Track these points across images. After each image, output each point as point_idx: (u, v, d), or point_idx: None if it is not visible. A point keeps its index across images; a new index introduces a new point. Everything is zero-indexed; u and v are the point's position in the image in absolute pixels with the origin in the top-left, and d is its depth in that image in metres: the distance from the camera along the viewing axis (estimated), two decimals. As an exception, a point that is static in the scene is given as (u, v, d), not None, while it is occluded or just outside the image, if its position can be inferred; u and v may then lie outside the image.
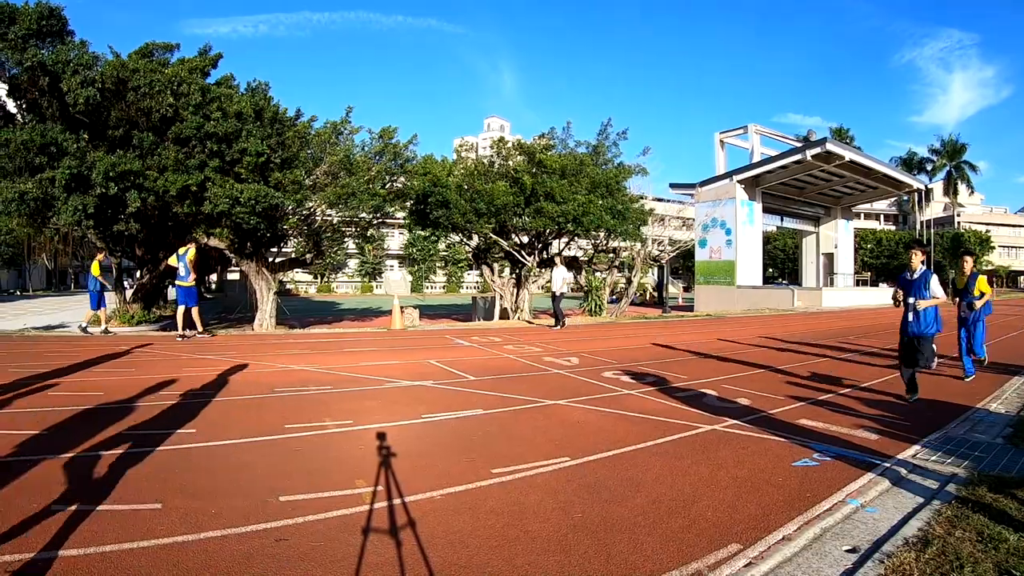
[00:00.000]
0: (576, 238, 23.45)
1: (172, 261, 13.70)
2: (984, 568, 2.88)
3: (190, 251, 13.58)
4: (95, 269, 14.22)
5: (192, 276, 13.45)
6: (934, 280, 6.93)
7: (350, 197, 16.30)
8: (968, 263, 9.18)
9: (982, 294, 9.00)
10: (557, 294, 17.72)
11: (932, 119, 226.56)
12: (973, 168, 63.95)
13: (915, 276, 7.00)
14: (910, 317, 6.93)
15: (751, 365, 9.93)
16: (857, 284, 42.05)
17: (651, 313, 26.33)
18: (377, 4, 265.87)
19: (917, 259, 7.09)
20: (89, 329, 13.88)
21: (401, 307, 17.12)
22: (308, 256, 19.38)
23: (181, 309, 13.35)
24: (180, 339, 13.01)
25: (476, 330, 16.55)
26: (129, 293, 17.92)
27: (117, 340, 12.53)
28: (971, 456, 4.80)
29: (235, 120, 14.03)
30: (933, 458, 4.77)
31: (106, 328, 14.05)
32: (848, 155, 29.55)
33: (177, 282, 13.53)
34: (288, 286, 58.35)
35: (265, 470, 4.36)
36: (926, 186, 44.55)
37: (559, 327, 16.89)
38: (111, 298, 17.27)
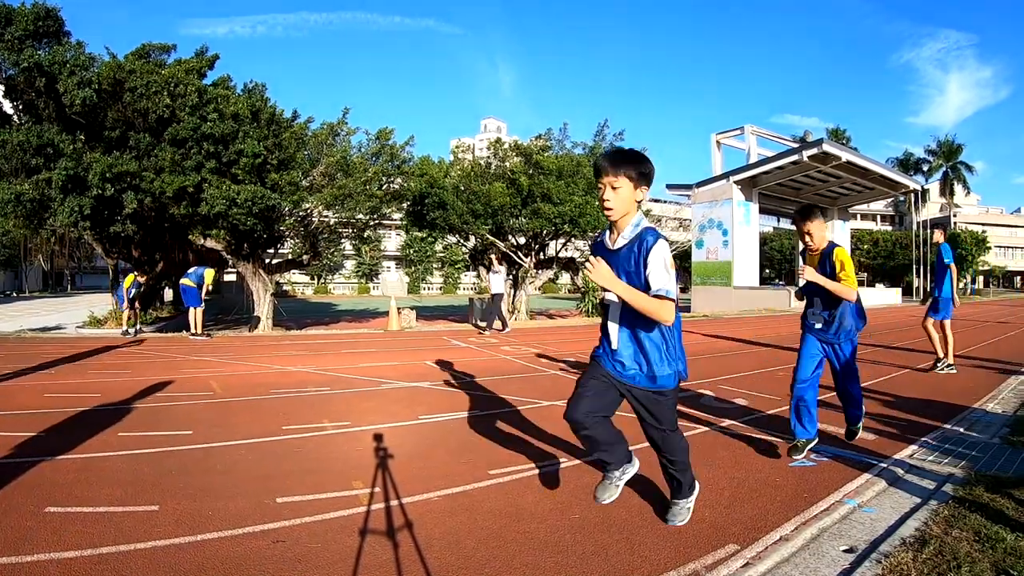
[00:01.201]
0: (573, 239, 23.46)
1: (189, 282, 13.97)
2: (981, 568, 2.88)
3: (207, 275, 14.04)
4: (128, 281, 14.42)
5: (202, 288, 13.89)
6: (657, 253, 2.96)
7: (347, 198, 16.32)
8: (817, 229, 4.67)
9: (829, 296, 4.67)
10: (496, 294, 15.83)
11: (929, 120, 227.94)
12: (969, 169, 64.14)
13: (618, 244, 3.12)
14: (613, 337, 3.21)
15: (748, 365, 9.93)
16: (854, 284, 42.02)
17: (648, 314, 26.31)
18: (375, 5, 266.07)
19: (619, 204, 3.04)
20: (130, 330, 14.11)
21: (398, 308, 17.11)
22: (305, 257, 19.40)
23: (195, 311, 13.71)
24: (206, 337, 13.71)
25: (473, 331, 16.54)
26: (123, 306, 17.98)
27: (114, 341, 12.50)
28: (968, 456, 4.80)
29: (232, 121, 14.03)
30: (930, 458, 4.78)
31: (126, 329, 14.14)
32: (844, 156, 29.59)
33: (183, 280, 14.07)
34: (285, 287, 58.32)
35: (262, 471, 4.36)
36: (922, 187, 44.69)
37: (489, 332, 15.34)
38: (107, 299, 17.29)
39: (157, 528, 3.33)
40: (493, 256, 16.12)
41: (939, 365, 9.11)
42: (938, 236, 9.57)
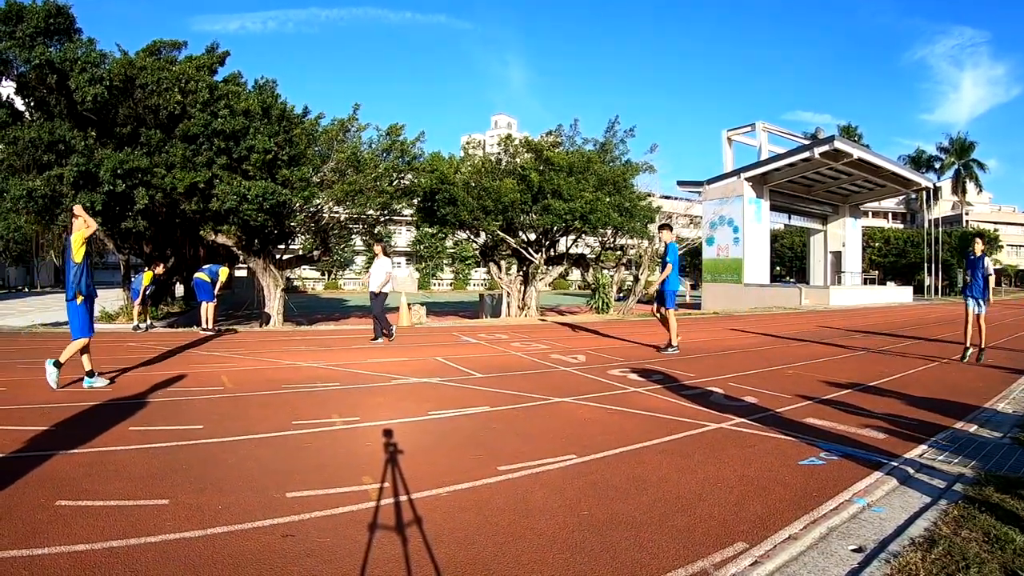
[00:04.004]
0: (583, 235, 23.44)
1: (203, 276, 14.10)
2: (990, 568, 2.87)
3: (222, 272, 14.20)
4: (147, 278, 14.53)
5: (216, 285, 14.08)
6: None
7: (357, 194, 16.36)
8: None
9: None
10: (378, 293, 12.94)
11: (943, 117, 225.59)
12: (982, 166, 63.50)
13: None
14: None
15: (758, 363, 9.90)
16: (865, 283, 41.83)
17: (658, 311, 26.27)
18: (387, 0, 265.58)
19: None
20: (141, 325, 14.22)
21: (408, 304, 17.14)
22: (315, 253, 19.49)
23: (207, 306, 13.88)
24: (217, 332, 13.69)
25: (483, 327, 16.55)
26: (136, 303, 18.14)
27: (125, 337, 12.58)
28: (978, 456, 4.78)
29: (243, 117, 14.08)
30: (940, 457, 4.75)
31: (136, 324, 14.25)
32: (856, 153, 29.40)
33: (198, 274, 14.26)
34: (295, 283, 58.48)
35: (272, 466, 4.38)
36: (934, 184, 44.39)
37: (382, 340, 12.58)
38: (119, 294, 17.40)
39: (167, 522, 3.35)
40: (378, 247, 13.59)
41: (669, 349, 10.94)
42: (666, 236, 11.39)
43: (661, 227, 11.52)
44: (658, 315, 11.48)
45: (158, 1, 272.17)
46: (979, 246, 10.22)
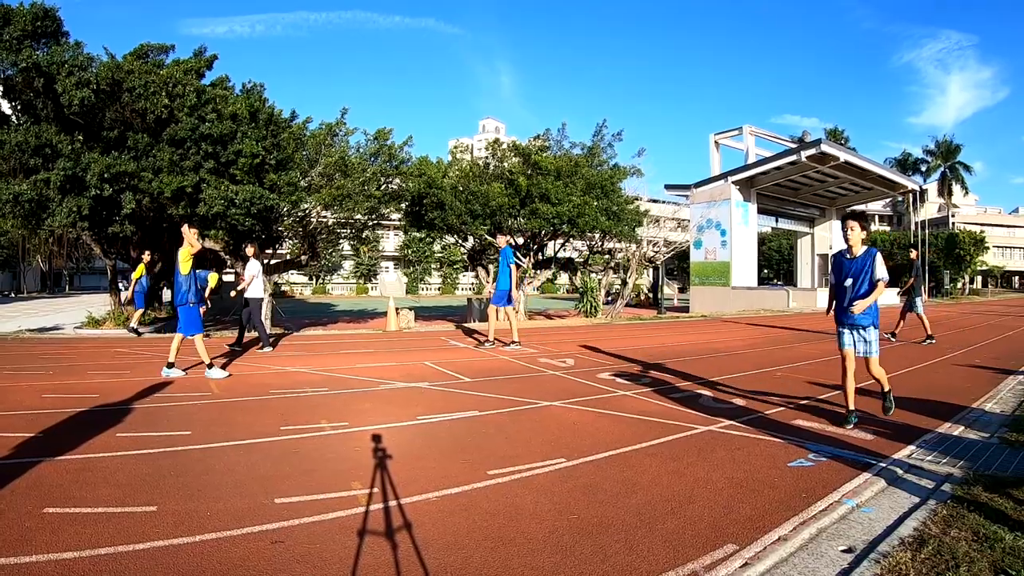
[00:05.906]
0: (571, 239, 23.44)
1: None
2: (979, 567, 2.88)
3: (211, 278, 14.22)
4: (140, 271, 14.48)
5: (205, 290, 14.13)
6: None
7: (345, 199, 16.29)
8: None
9: None
10: (256, 299, 12.30)
11: (930, 120, 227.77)
12: (968, 169, 64.20)
13: None
14: None
15: (746, 366, 9.94)
16: (852, 285, 42.01)
17: (646, 314, 26.32)
18: (375, 4, 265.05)
19: None
20: (140, 329, 14.19)
21: (396, 309, 17.09)
22: (303, 258, 19.36)
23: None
24: (205, 336, 13.66)
25: (471, 331, 16.53)
26: (125, 295, 17.89)
27: (113, 342, 12.49)
28: (967, 456, 4.81)
29: (230, 122, 14.00)
30: (929, 458, 4.78)
31: (134, 327, 14.20)
32: (843, 156, 29.59)
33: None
34: (283, 288, 58.21)
35: (261, 472, 4.35)
36: (921, 187, 44.69)
37: (268, 348, 11.88)
38: (106, 300, 17.27)
39: (155, 529, 3.33)
40: (249, 248, 12.76)
41: (512, 345, 12.02)
42: (500, 241, 12.71)
43: (497, 231, 12.23)
44: (494, 314, 12.91)
45: (146, 4, 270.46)
46: (857, 234, 6.32)
